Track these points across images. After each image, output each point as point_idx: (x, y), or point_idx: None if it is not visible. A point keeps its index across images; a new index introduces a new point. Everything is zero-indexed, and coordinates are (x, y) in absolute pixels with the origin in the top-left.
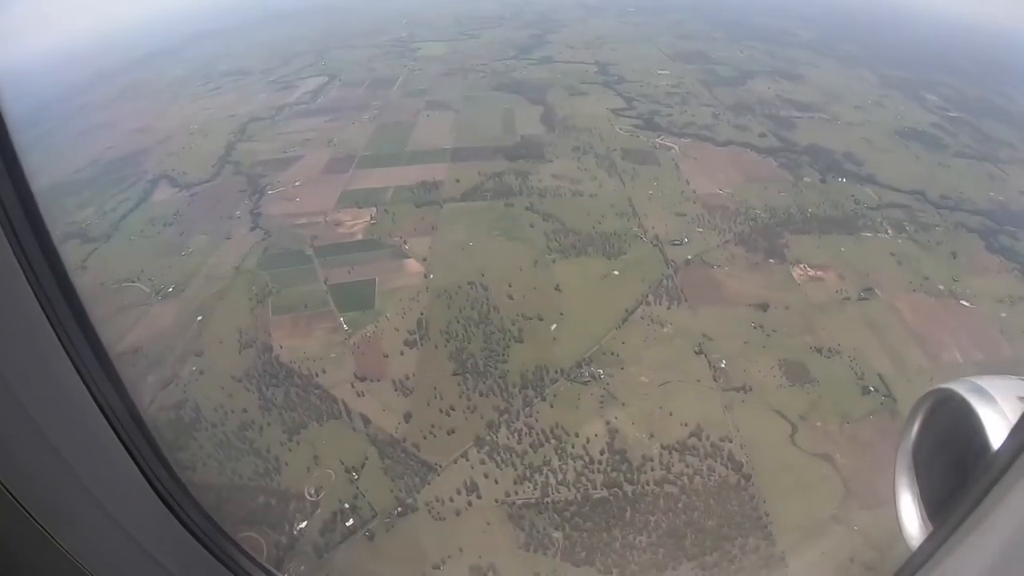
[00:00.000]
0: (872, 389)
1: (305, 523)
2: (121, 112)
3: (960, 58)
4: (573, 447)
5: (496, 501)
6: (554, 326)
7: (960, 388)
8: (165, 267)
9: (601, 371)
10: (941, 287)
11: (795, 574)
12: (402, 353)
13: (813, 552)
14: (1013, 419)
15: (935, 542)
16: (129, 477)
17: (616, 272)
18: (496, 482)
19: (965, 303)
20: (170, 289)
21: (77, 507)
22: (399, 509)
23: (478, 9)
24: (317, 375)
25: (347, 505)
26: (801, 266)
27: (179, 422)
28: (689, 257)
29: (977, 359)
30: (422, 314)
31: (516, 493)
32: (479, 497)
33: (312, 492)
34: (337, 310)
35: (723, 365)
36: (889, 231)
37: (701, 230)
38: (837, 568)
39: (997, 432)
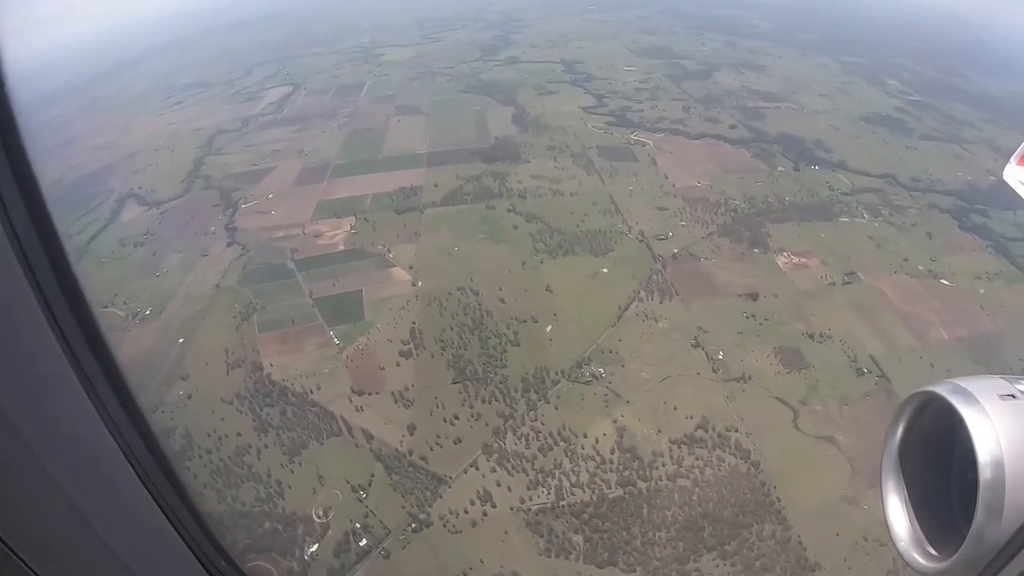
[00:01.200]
0: (866, 371)
1: (316, 546)
2: (82, 129)
3: (915, 40)
4: (583, 448)
5: (511, 509)
6: (549, 327)
7: (942, 390)
8: (140, 289)
9: (602, 370)
10: (921, 267)
11: (813, 555)
12: (398, 364)
13: (827, 533)
14: (996, 418)
15: None
16: (141, 507)
17: (605, 270)
18: (509, 489)
19: (945, 282)
20: (147, 312)
21: (81, 542)
22: (413, 525)
23: (438, 11)
24: (312, 392)
25: (358, 525)
26: (785, 254)
27: (175, 455)
28: (676, 251)
29: (962, 335)
30: (414, 323)
31: (531, 499)
32: (494, 506)
33: (320, 514)
34: (326, 324)
35: (721, 356)
36: (865, 215)
37: (684, 223)
38: (853, 546)
39: (980, 432)
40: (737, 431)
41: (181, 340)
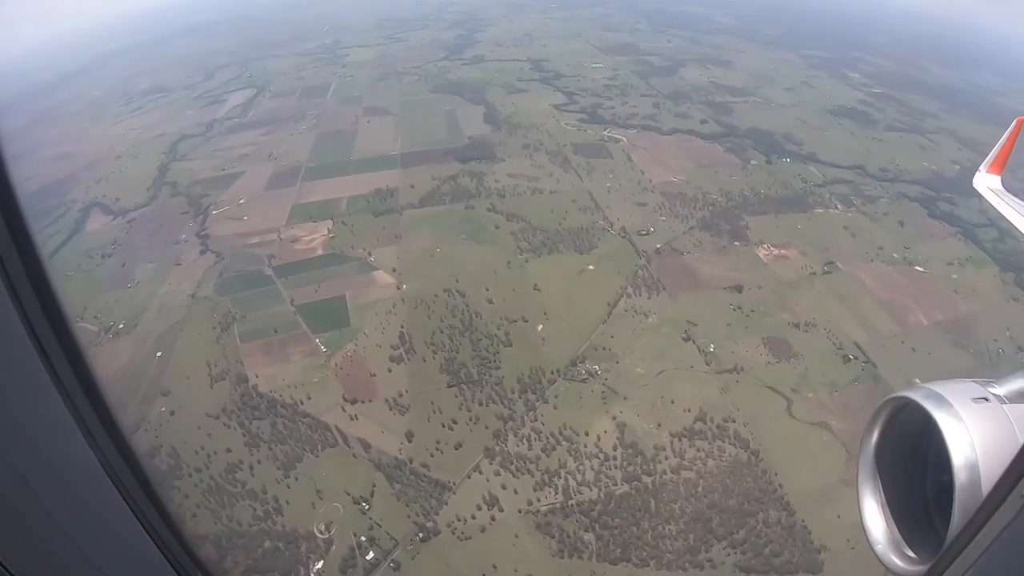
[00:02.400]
0: (852, 357)
1: (321, 563)
2: (37, 140)
3: (873, 33)
4: (586, 446)
5: (519, 511)
6: (540, 327)
7: (916, 395)
8: (111, 302)
9: (597, 367)
10: (895, 255)
11: (818, 539)
12: (390, 370)
13: (830, 516)
14: (969, 422)
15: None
16: (119, 517)
17: (591, 267)
18: (516, 492)
19: (919, 268)
20: (120, 326)
21: (60, 552)
22: (420, 534)
23: (399, 11)
24: (303, 403)
25: (363, 538)
26: (765, 246)
27: (156, 470)
28: (659, 246)
29: (939, 319)
30: (403, 327)
31: (538, 500)
32: (501, 510)
33: (322, 529)
34: (311, 331)
35: (712, 349)
36: (839, 206)
37: (664, 218)
38: (854, 527)
39: (955, 436)
40: (734, 421)
41: (159, 354)
